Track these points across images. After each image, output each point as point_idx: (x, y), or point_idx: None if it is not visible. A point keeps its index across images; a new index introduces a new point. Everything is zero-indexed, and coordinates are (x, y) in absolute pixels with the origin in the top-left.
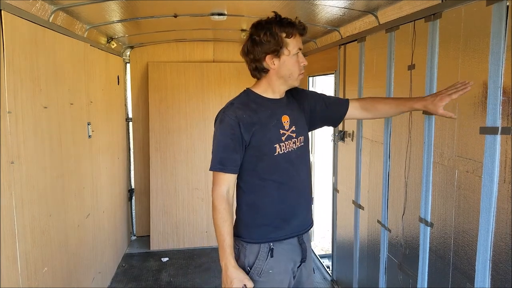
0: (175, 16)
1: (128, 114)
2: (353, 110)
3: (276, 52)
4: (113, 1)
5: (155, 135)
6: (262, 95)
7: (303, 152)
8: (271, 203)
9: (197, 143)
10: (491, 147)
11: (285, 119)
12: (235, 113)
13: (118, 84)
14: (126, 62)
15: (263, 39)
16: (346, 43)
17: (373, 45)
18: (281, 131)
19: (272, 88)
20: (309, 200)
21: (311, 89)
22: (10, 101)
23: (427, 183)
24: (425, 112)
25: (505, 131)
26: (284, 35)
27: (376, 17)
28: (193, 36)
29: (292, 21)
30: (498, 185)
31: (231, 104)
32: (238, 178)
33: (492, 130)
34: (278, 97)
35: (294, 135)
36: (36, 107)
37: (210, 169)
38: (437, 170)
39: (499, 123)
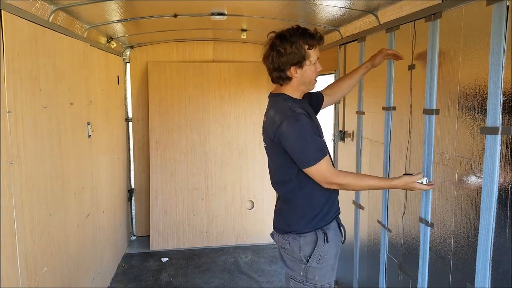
0: (175, 16)
1: (128, 114)
2: (327, 98)
3: (300, 63)
4: (113, 1)
5: (155, 135)
6: (293, 97)
7: None
8: (324, 191)
9: (197, 143)
10: (491, 147)
11: (315, 116)
12: (303, 110)
13: (118, 84)
14: (126, 62)
15: (288, 51)
16: (346, 43)
17: (373, 45)
18: (321, 124)
19: (297, 92)
20: None
21: None
22: (10, 101)
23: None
24: (426, 112)
25: (505, 131)
26: (306, 47)
27: (376, 17)
28: (193, 36)
29: (312, 32)
30: (498, 185)
31: (291, 104)
32: (293, 175)
33: (492, 130)
34: (301, 98)
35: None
36: (36, 107)
37: (313, 163)
38: (437, 170)
39: (499, 123)
